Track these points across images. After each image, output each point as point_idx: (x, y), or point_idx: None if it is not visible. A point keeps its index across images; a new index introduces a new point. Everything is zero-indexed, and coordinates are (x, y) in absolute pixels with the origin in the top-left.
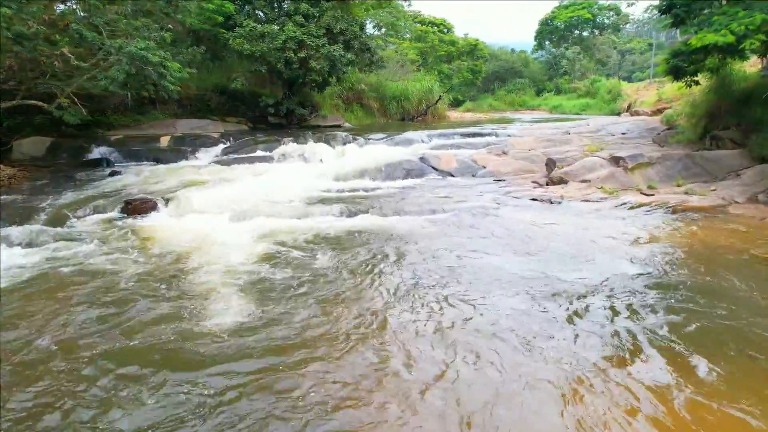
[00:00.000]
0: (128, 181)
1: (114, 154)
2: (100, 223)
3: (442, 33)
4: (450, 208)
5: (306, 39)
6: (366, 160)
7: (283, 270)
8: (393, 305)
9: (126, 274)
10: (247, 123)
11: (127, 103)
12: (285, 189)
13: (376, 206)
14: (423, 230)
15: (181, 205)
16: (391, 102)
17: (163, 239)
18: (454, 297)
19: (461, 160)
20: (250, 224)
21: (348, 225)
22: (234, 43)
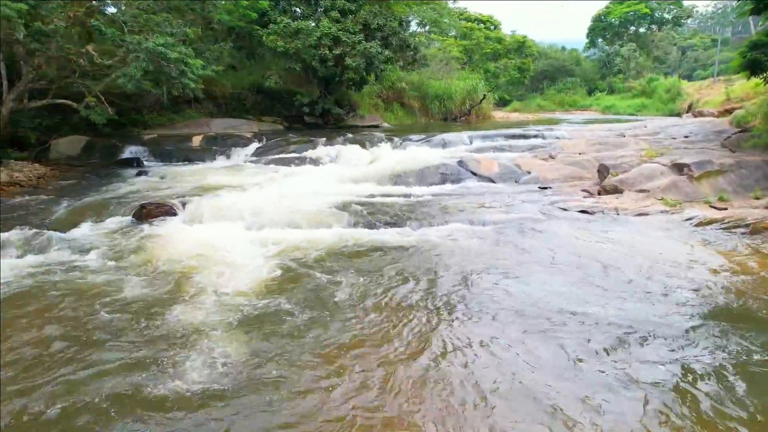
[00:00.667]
0: (154, 182)
1: (145, 153)
2: (112, 228)
3: (488, 30)
4: (489, 219)
5: (341, 35)
6: (400, 164)
7: (291, 299)
8: (417, 354)
9: (111, 297)
10: (283, 123)
11: (163, 102)
12: (310, 194)
13: (407, 216)
14: (457, 246)
15: (196, 211)
16: (433, 101)
17: (168, 251)
18: (490, 341)
19: (503, 164)
20: (267, 235)
21: (374, 238)
22: (268, 40)
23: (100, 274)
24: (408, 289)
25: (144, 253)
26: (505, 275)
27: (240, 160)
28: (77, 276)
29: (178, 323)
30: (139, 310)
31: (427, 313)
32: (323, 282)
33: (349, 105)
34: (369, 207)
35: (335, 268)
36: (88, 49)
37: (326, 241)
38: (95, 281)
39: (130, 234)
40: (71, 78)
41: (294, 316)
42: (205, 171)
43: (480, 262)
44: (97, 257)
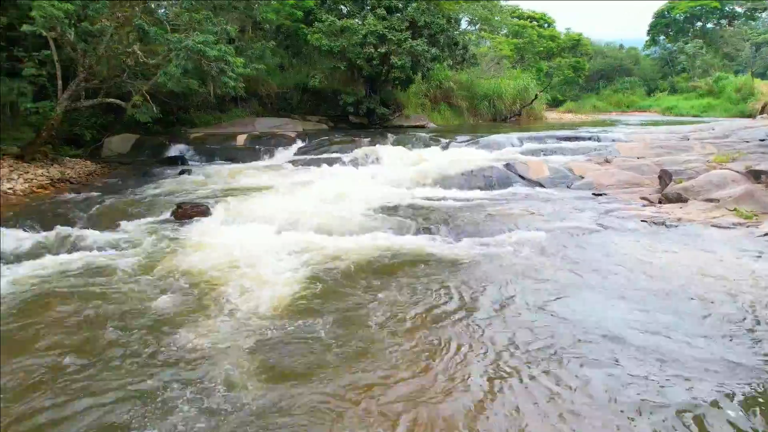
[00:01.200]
0: (195, 181)
1: (190, 152)
2: (147, 227)
3: (541, 28)
4: (536, 227)
5: (387, 33)
6: (444, 166)
7: (320, 320)
8: (458, 393)
9: (132, 306)
10: (328, 122)
11: (210, 101)
12: (350, 196)
13: (449, 222)
14: (503, 259)
15: (231, 213)
16: (481, 101)
17: (197, 256)
18: (542, 376)
19: (554, 168)
20: (301, 240)
21: (413, 247)
22: (313, 38)
23: (127, 278)
24: (448, 310)
25: (174, 257)
26: (557, 296)
27: (282, 159)
28: (104, 280)
29: (195, 344)
30: (157, 325)
31: (468, 341)
32: (356, 300)
33: (395, 105)
34: (409, 212)
35: (370, 282)
36: (134, 48)
37: (362, 249)
38: (120, 287)
39: (163, 235)
40: (120, 77)
41: (321, 342)
42: (246, 171)
43: (528, 279)
44: (127, 259)
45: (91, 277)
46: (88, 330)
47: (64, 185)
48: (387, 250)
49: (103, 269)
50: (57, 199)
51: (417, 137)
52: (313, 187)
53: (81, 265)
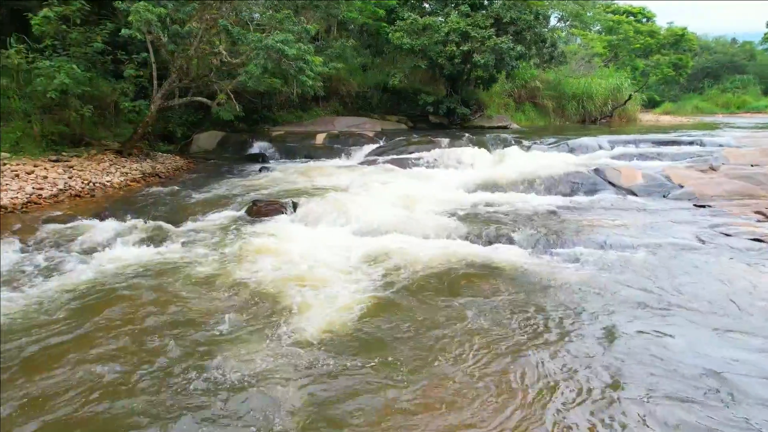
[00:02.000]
0: (273, 178)
1: (270, 149)
2: (221, 223)
3: (639, 23)
4: (629, 243)
5: (470, 31)
6: (526, 169)
7: (384, 340)
8: None
9: (182, 314)
10: (407, 122)
11: (292, 100)
12: (424, 199)
13: (530, 231)
14: (589, 277)
15: (304, 212)
16: (569, 102)
17: (264, 259)
18: (639, 424)
19: (649, 175)
20: (371, 244)
21: (489, 256)
22: (394, 37)
23: (190, 281)
24: (535, 340)
25: (242, 257)
26: (652, 326)
27: (358, 159)
28: (165, 279)
29: (241, 368)
30: (208, 339)
31: (547, 377)
32: (428, 323)
33: (477, 104)
34: (487, 217)
35: (444, 300)
36: (220, 49)
37: (435, 257)
38: (181, 290)
39: (236, 232)
40: (208, 77)
41: (385, 378)
42: (323, 169)
43: (618, 303)
44: (196, 256)
45: (156, 277)
46: (137, 335)
47: (154, 179)
48: (462, 261)
49: (170, 267)
50: (145, 192)
51: (498, 138)
52: (387, 188)
53: (152, 260)
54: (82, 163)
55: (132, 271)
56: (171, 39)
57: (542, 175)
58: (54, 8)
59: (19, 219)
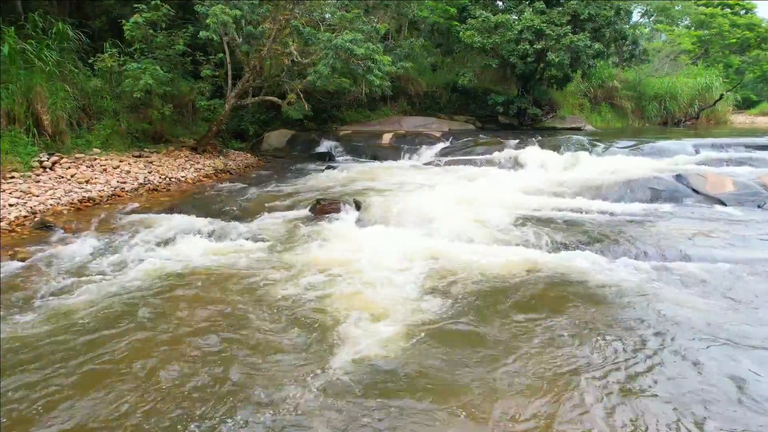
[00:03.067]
0: (338, 177)
1: (338, 148)
2: (285, 221)
3: (735, 15)
4: (718, 258)
5: (545, 28)
6: (601, 174)
7: (439, 381)
8: None
9: (231, 330)
10: (476, 122)
11: (361, 99)
12: (491, 202)
13: (604, 239)
14: (671, 293)
15: (366, 212)
16: (650, 102)
17: (325, 263)
18: None
19: (741, 182)
20: (433, 247)
21: (560, 265)
22: (464, 35)
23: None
24: (622, 371)
25: (301, 258)
26: (751, 358)
27: (424, 159)
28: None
29: (282, 394)
30: (253, 359)
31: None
32: (492, 343)
33: (549, 105)
34: (558, 224)
35: (510, 315)
36: (291, 49)
37: (501, 265)
38: (237, 301)
39: (299, 230)
40: (280, 77)
41: (447, 403)
42: (388, 170)
43: (704, 325)
44: (257, 256)
45: (213, 284)
46: (182, 349)
47: (225, 175)
48: (530, 270)
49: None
50: (216, 188)
51: (570, 140)
52: (451, 190)
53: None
54: (161, 159)
55: (192, 269)
56: (245, 40)
57: (617, 181)
58: (143, 14)
59: (103, 210)
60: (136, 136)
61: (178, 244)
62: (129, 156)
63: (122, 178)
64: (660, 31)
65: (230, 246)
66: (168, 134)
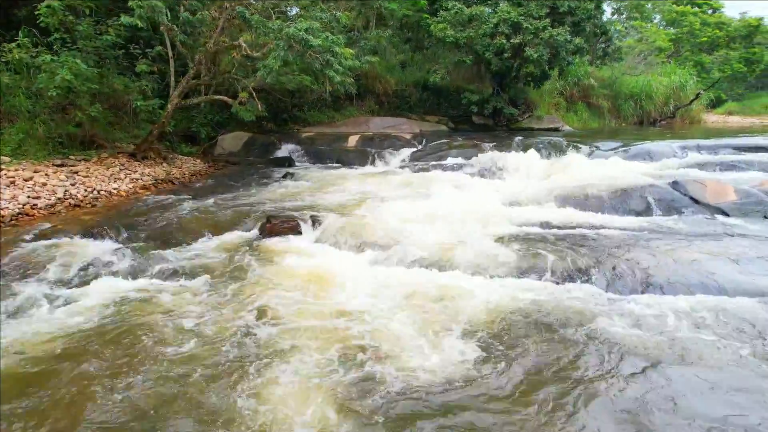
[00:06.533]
0: (296, 187)
1: (298, 152)
2: (230, 245)
3: (705, 15)
4: (735, 287)
5: (523, 21)
6: (588, 181)
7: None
8: None
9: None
10: (448, 123)
11: (325, 99)
12: (467, 217)
13: (604, 264)
14: (683, 338)
15: (326, 232)
16: (626, 101)
17: (277, 296)
18: None
19: (743, 190)
20: (401, 277)
21: (555, 300)
22: (436, 29)
23: (173, 323)
24: None
25: (238, 300)
26: None
27: (393, 165)
28: (144, 324)
29: None
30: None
31: None
32: (464, 399)
33: (525, 104)
34: (546, 244)
35: (498, 376)
36: (240, 41)
37: (482, 300)
38: (160, 337)
39: (242, 258)
40: (230, 73)
41: None
42: (354, 177)
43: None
44: (189, 291)
45: (139, 315)
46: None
47: (167, 185)
48: (519, 307)
49: (152, 312)
50: (152, 202)
51: (551, 143)
52: (423, 202)
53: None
54: (89, 168)
55: (103, 315)
56: (181, 28)
57: (608, 189)
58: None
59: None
60: (60, 141)
61: (81, 287)
62: (48, 165)
63: (35, 192)
64: (635, 28)
65: (150, 285)
66: (102, 139)
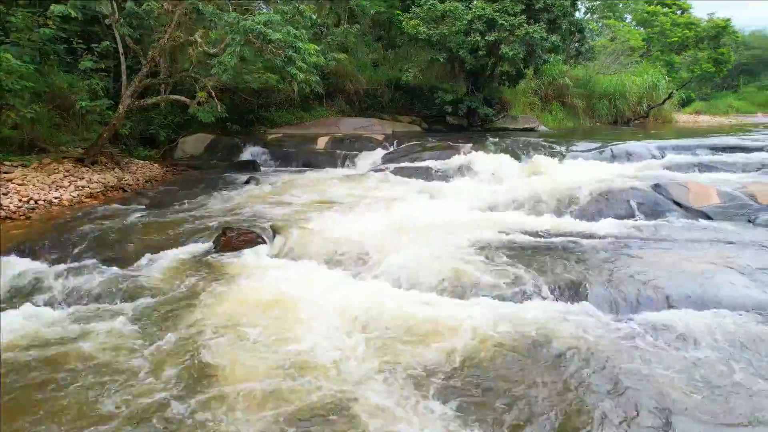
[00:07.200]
0: (260, 193)
1: (264, 155)
2: (179, 263)
3: (675, 15)
4: (730, 301)
5: (498, 18)
6: (567, 184)
7: None
8: None
9: None
10: (422, 123)
11: (293, 99)
12: (440, 226)
13: (594, 278)
14: (689, 364)
15: (287, 245)
16: (600, 100)
17: (218, 329)
18: None
19: (726, 192)
20: (366, 296)
21: (541, 323)
22: (408, 26)
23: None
24: None
25: (181, 329)
26: None
27: (364, 168)
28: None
29: None
30: None
31: None
32: None
33: (501, 104)
34: (527, 256)
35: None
36: (196, 36)
37: (457, 325)
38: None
39: (192, 277)
40: (188, 72)
41: None
42: (322, 181)
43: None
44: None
45: (72, 347)
46: None
47: (117, 193)
48: (503, 340)
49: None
50: (98, 213)
51: (527, 144)
52: (394, 209)
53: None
54: (27, 175)
55: (35, 351)
56: (126, 21)
57: (588, 192)
58: None
59: None
60: None
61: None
62: None
63: None
64: (609, 27)
65: (78, 314)
66: (44, 142)
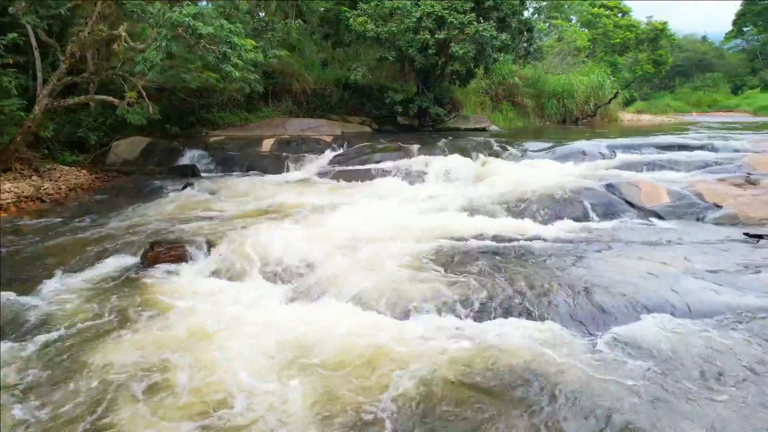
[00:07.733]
0: (197, 201)
1: (205, 159)
2: (100, 281)
3: (616, 17)
4: (676, 302)
5: (447, 16)
6: (521, 184)
7: None
8: None
9: None
10: (372, 124)
11: (237, 99)
12: (389, 232)
13: (542, 289)
14: (645, 365)
15: (222, 259)
16: (549, 100)
17: (152, 354)
18: None
19: (675, 192)
20: (310, 319)
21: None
22: (355, 23)
23: None
24: None
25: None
26: None
27: (311, 171)
28: None
29: None
30: None
31: None
32: None
33: (451, 103)
34: (475, 264)
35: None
36: (120, 31)
37: (406, 351)
38: None
39: (110, 299)
40: (114, 69)
41: None
42: (265, 186)
43: None
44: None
45: None
46: None
47: (34, 205)
48: (454, 360)
49: None
50: (9, 227)
51: (479, 144)
52: (341, 216)
53: None
54: None
55: None
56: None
57: (542, 193)
58: None
59: None
60: None
61: None
62: None
63: None
64: (556, 27)
65: None
66: None
